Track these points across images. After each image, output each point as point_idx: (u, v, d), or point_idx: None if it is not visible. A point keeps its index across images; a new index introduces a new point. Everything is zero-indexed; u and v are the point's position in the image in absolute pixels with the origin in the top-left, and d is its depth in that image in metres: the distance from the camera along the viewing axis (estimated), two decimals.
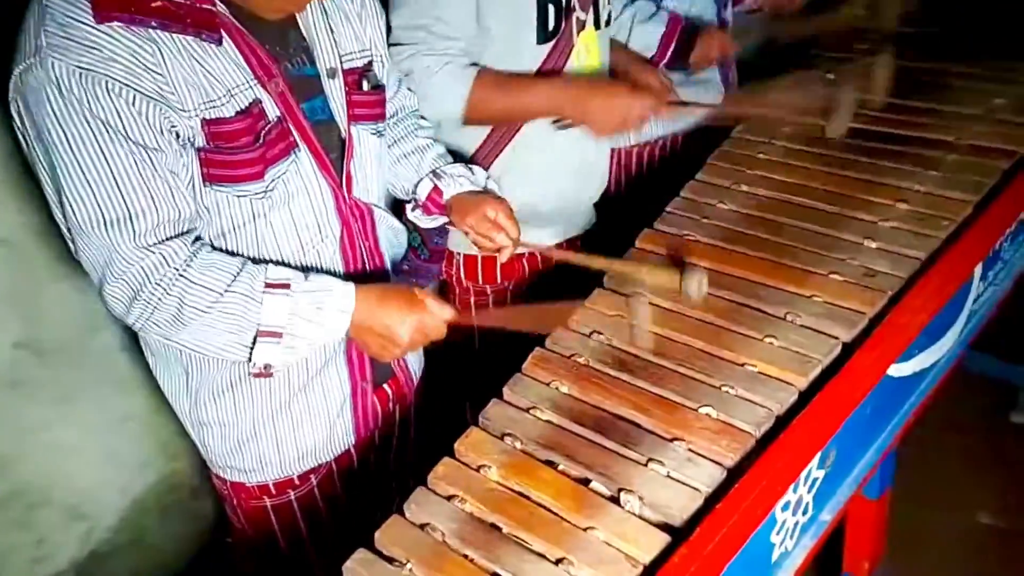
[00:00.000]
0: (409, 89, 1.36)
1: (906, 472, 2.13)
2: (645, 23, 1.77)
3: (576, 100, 1.39)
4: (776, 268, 1.27)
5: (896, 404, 1.19)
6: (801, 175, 1.50)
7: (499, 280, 1.63)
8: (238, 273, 1.00)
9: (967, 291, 1.31)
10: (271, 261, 1.07)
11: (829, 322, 1.15)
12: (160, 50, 0.93)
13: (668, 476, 0.95)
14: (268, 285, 1.00)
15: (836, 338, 1.13)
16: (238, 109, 0.99)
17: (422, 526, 0.91)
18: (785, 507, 0.96)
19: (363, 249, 1.19)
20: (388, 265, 1.25)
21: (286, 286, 1.01)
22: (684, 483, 0.94)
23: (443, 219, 1.32)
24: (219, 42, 0.98)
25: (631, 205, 1.78)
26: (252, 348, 1.00)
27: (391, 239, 1.27)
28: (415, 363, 1.36)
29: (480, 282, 1.63)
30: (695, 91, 1.82)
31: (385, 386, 1.28)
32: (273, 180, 1.05)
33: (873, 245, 1.30)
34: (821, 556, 1.85)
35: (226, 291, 0.98)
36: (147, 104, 0.92)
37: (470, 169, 1.33)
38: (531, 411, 1.05)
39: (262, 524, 1.27)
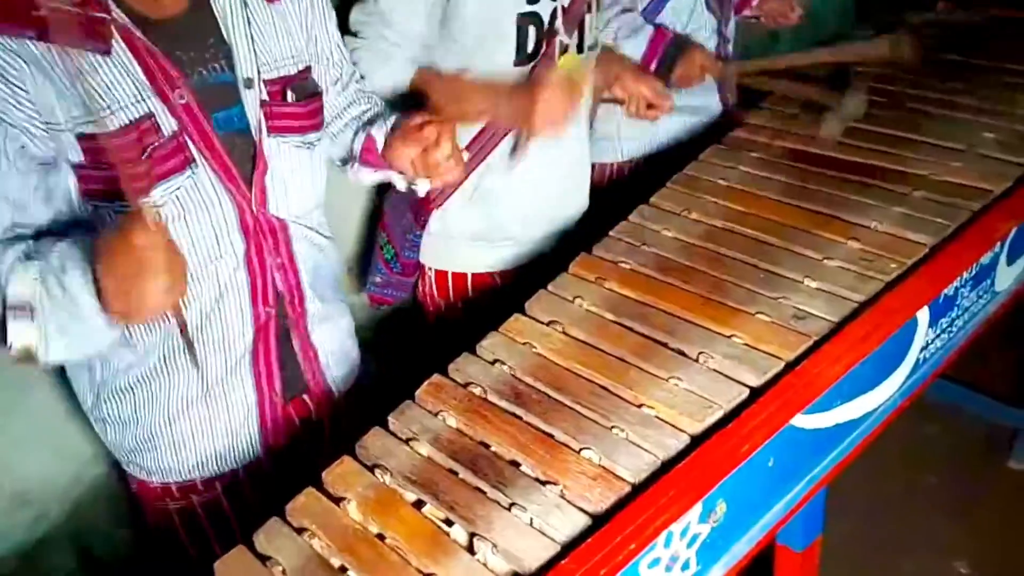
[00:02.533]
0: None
1: (885, 515, 2.06)
2: (629, 38, 1.72)
3: (517, 106, 1.35)
4: (703, 304, 1.22)
5: (811, 457, 1.12)
6: (757, 205, 1.44)
7: (470, 294, 1.60)
8: (6, 248, 0.95)
9: (908, 339, 1.23)
10: None
11: (741, 366, 1.09)
12: (28, 64, 0.92)
13: (530, 523, 0.91)
14: (25, 257, 0.94)
15: (744, 384, 1.07)
16: (123, 123, 0.97)
17: (264, 559, 0.88)
18: (654, 564, 0.90)
19: (272, 265, 1.16)
20: (306, 282, 1.22)
21: (38, 255, 0.94)
22: (543, 531, 0.89)
23: (384, 171, 1.26)
24: (107, 52, 0.96)
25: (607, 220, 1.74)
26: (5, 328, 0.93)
27: (314, 256, 1.24)
28: (340, 375, 1.33)
29: (451, 297, 1.61)
30: (688, 99, 1.77)
31: (305, 397, 1.26)
32: (164, 195, 1.02)
33: (812, 284, 1.24)
34: None
35: None
36: None
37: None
38: (410, 442, 1.02)
39: (166, 525, 1.27)
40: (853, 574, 1.91)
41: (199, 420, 1.17)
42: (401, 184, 1.30)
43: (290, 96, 1.14)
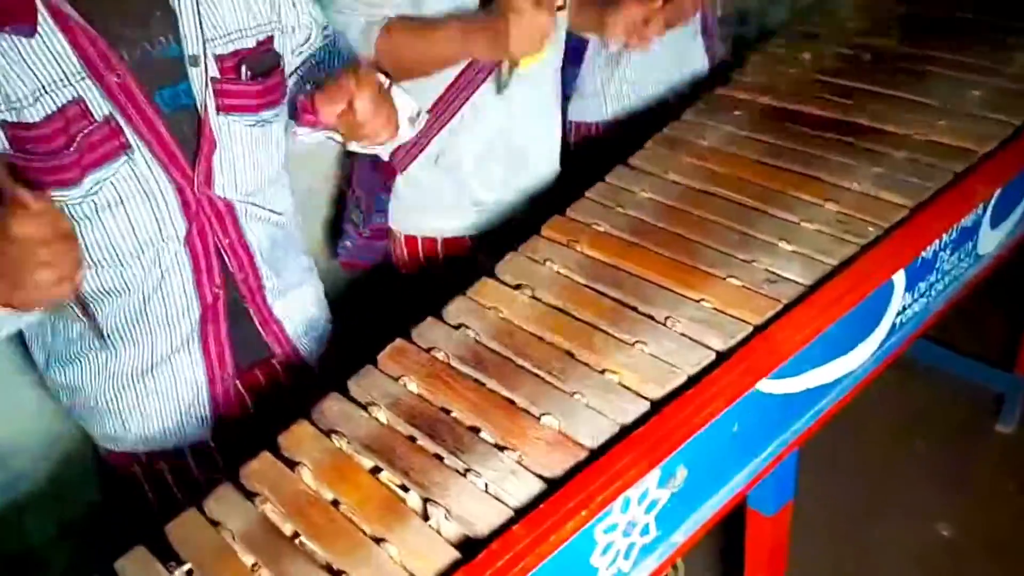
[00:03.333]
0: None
1: (868, 479, 2.06)
2: None
3: (490, 34, 1.30)
4: (674, 267, 1.19)
5: (778, 423, 1.10)
6: (737, 165, 1.41)
7: (441, 257, 1.58)
8: None
9: (884, 303, 1.21)
10: (102, 262, 1.03)
11: (708, 330, 1.07)
12: None
13: (484, 489, 0.90)
14: None
15: (710, 348, 1.05)
16: (48, 112, 0.92)
17: (215, 523, 0.87)
18: (610, 529, 0.89)
19: (220, 246, 1.12)
20: (260, 259, 1.18)
21: None
22: (498, 497, 0.88)
23: (321, 130, 1.17)
24: (30, 34, 0.90)
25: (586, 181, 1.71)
26: None
27: (269, 232, 1.19)
28: (311, 343, 1.31)
29: (423, 261, 1.59)
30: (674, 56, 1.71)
31: (256, 371, 1.24)
32: (96, 184, 0.98)
33: (788, 247, 1.21)
34: (724, 569, 1.82)
35: None
36: None
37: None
38: (369, 407, 1.00)
39: (136, 491, 1.26)
40: (830, 538, 1.91)
41: (146, 395, 1.15)
42: (347, 146, 1.18)
43: (244, 73, 1.08)
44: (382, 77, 1.10)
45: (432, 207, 1.51)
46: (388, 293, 1.74)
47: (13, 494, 1.73)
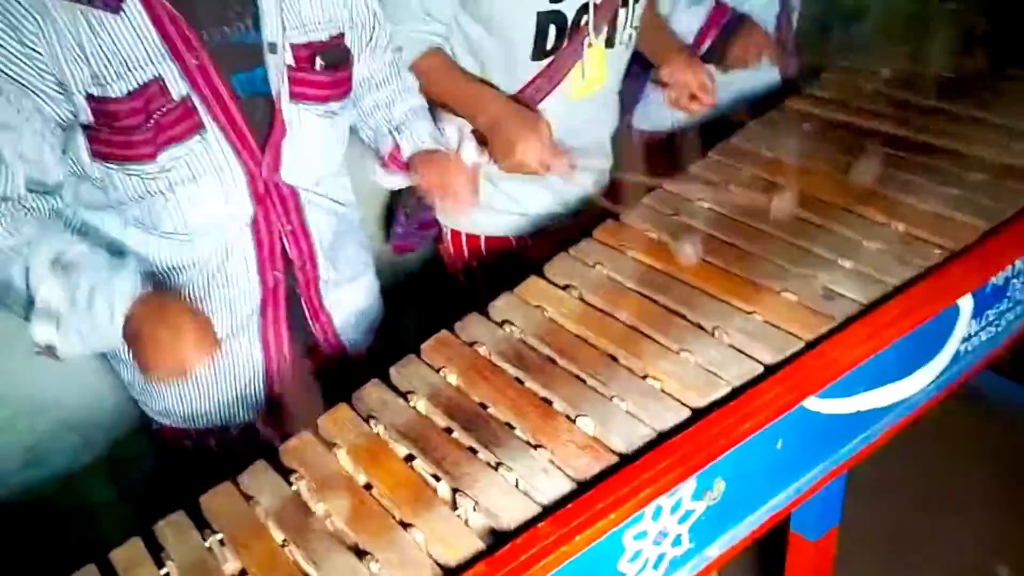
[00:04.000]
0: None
1: (924, 511, 1.96)
2: (689, 7, 1.66)
3: (492, 121, 1.32)
4: (727, 277, 1.17)
5: (826, 444, 1.07)
6: (802, 178, 1.36)
7: (484, 255, 1.59)
8: (38, 242, 0.96)
9: (948, 329, 1.15)
10: (174, 235, 1.07)
11: (757, 343, 1.04)
12: (45, 22, 0.91)
13: (515, 484, 0.89)
14: (56, 262, 0.95)
15: (759, 362, 1.02)
16: (130, 89, 0.96)
17: (248, 498, 0.89)
18: (640, 535, 0.88)
19: (282, 232, 1.16)
20: (319, 249, 1.21)
21: (71, 268, 0.95)
22: (527, 493, 0.88)
23: (403, 178, 1.27)
24: (116, 11, 0.94)
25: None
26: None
27: (330, 224, 1.23)
28: (358, 337, 1.33)
29: (467, 257, 1.60)
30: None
31: (309, 359, 1.26)
32: (171, 160, 1.01)
33: (847, 265, 1.17)
34: None
35: (8, 261, 0.95)
36: (8, 84, 0.92)
37: (440, 127, 1.28)
38: (409, 396, 1.01)
39: (186, 463, 1.30)
40: (879, 570, 1.83)
41: (205, 374, 1.19)
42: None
43: (318, 63, 1.11)
44: (475, 156, 1.28)
45: (477, 208, 1.51)
46: (435, 283, 1.76)
47: (83, 457, 1.81)
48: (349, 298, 1.31)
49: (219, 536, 0.85)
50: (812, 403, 1.00)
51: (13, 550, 1.59)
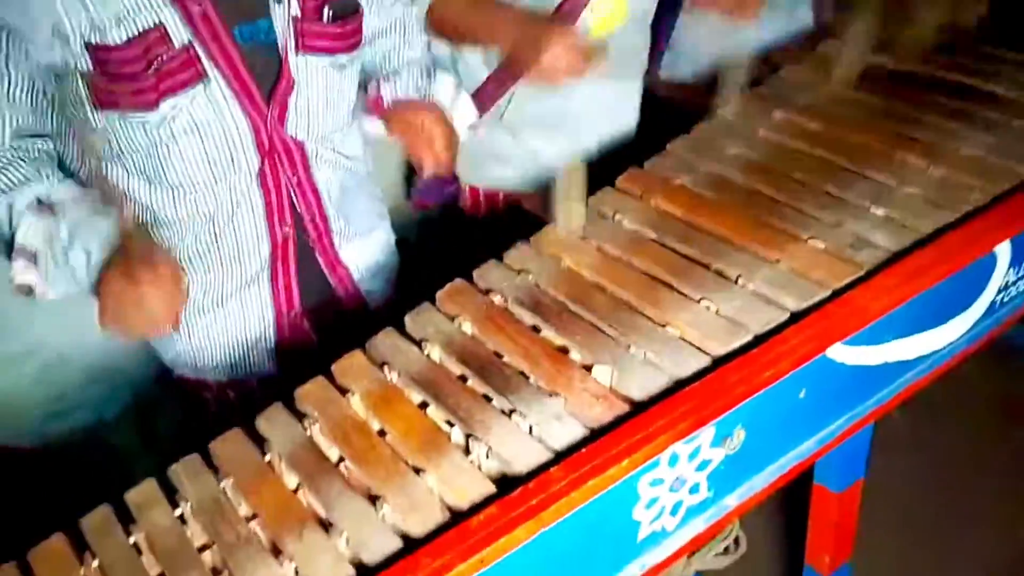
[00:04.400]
0: None
1: (953, 470, 1.92)
2: None
3: (516, 31, 1.27)
4: (754, 226, 1.13)
5: (851, 395, 1.03)
6: (835, 124, 1.32)
7: (501, 207, 1.57)
8: (24, 182, 0.96)
9: (984, 278, 1.11)
10: (179, 187, 1.06)
11: (782, 291, 1.01)
12: None
13: (528, 431, 0.88)
14: (39, 203, 0.95)
15: (784, 308, 0.99)
16: (129, 35, 0.94)
17: (261, 442, 0.89)
18: (656, 483, 0.86)
19: (290, 184, 1.14)
20: (328, 203, 1.20)
21: (52, 209, 0.95)
22: (540, 439, 0.86)
23: (379, 125, 1.23)
24: None
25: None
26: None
27: (339, 177, 1.21)
28: (376, 288, 1.32)
29: (484, 211, 1.58)
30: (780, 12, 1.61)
31: (324, 310, 1.26)
32: (173, 109, 1.00)
33: (879, 212, 1.13)
34: (787, 545, 1.73)
35: None
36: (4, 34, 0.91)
37: (430, 75, 1.25)
38: (423, 343, 1.00)
39: (207, 414, 1.31)
40: (902, 526, 1.79)
41: (216, 327, 1.19)
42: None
43: (326, 14, 1.08)
44: (471, 117, 1.24)
45: (495, 162, 1.48)
46: (454, 236, 1.74)
47: (106, 410, 1.83)
48: (365, 251, 1.30)
49: (230, 480, 0.85)
50: (838, 352, 0.97)
51: (39, 501, 1.63)
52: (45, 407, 1.75)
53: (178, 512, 0.82)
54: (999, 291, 1.15)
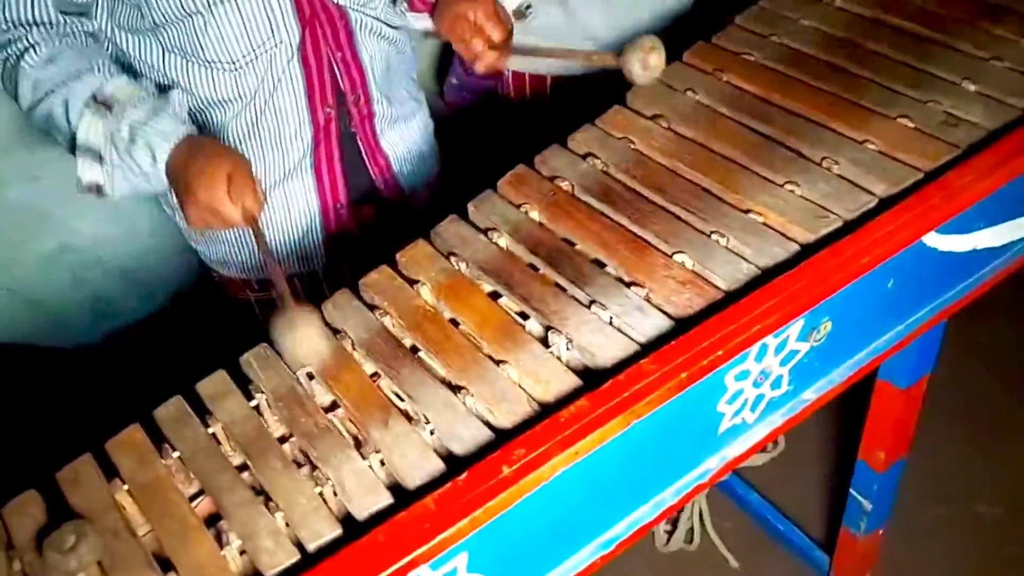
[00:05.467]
0: None
1: (1011, 377, 1.89)
2: None
3: None
4: (836, 104, 1.05)
5: (937, 284, 0.99)
6: None
7: (549, 97, 1.48)
8: (76, 75, 0.91)
9: None
10: (215, 63, 0.99)
11: (870, 174, 0.95)
12: None
13: (609, 322, 0.84)
14: (95, 99, 0.91)
15: (873, 194, 0.93)
16: None
17: (336, 331, 0.86)
18: (742, 376, 0.83)
19: (332, 59, 1.07)
20: (372, 80, 1.12)
21: (110, 107, 0.91)
22: (622, 331, 0.83)
23: (428, 19, 1.15)
24: None
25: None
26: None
27: (382, 50, 1.13)
28: (417, 180, 1.27)
29: (529, 99, 1.50)
30: None
31: (366, 206, 1.21)
32: None
33: (972, 88, 1.05)
34: (846, 435, 1.73)
35: (53, 91, 0.92)
36: None
37: None
38: (488, 232, 0.95)
39: (249, 315, 1.29)
40: (960, 432, 1.79)
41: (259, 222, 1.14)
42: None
43: None
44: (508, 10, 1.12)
45: (543, 42, 1.38)
46: (494, 130, 1.66)
47: (153, 304, 1.82)
48: (405, 138, 1.23)
49: (307, 369, 0.82)
50: (930, 239, 0.91)
51: (84, 401, 1.64)
52: (83, 308, 1.75)
53: (254, 403, 0.80)
54: None
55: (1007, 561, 1.65)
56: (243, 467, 0.77)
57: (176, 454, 0.76)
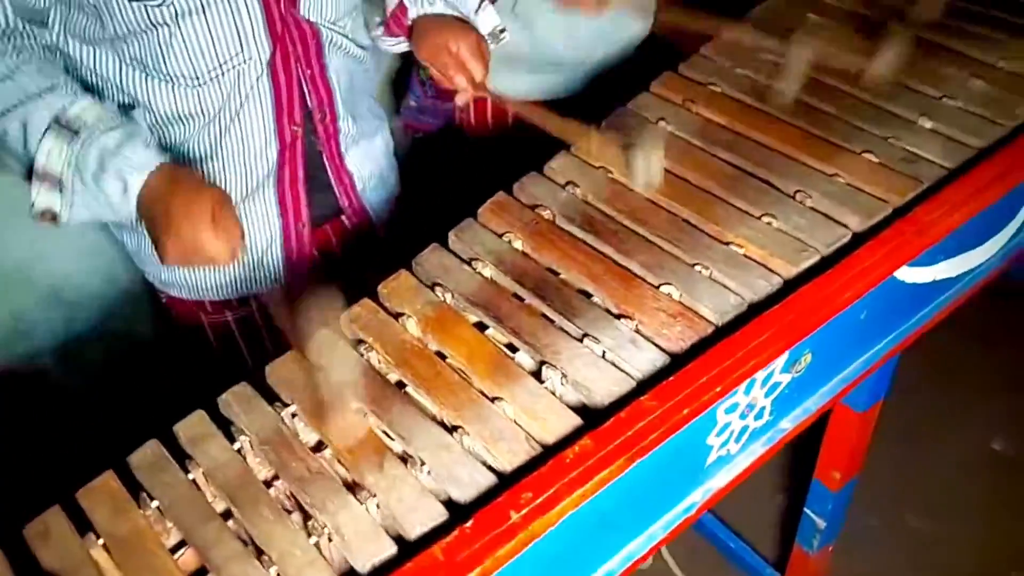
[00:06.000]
0: None
1: (936, 387, 2.00)
2: None
3: None
4: (803, 137, 1.08)
5: (901, 314, 1.03)
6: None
7: (511, 122, 1.47)
8: (37, 94, 0.85)
9: (1021, 195, 1.10)
10: (180, 77, 0.94)
11: (843, 208, 0.98)
12: None
13: (602, 356, 0.84)
14: (58, 122, 0.85)
15: (846, 227, 0.96)
16: None
17: (317, 368, 0.82)
18: (731, 409, 0.84)
19: (302, 77, 1.03)
20: (339, 97, 1.10)
21: (75, 131, 0.85)
22: (617, 365, 0.82)
23: (405, 44, 1.14)
24: None
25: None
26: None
27: (349, 67, 1.10)
28: (378, 200, 1.24)
29: (491, 126, 1.48)
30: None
31: (327, 227, 1.18)
32: None
33: (927, 125, 1.10)
34: (795, 456, 1.79)
35: (9, 111, 0.85)
36: None
37: None
38: (472, 263, 0.93)
39: (200, 341, 1.23)
40: (896, 440, 1.87)
41: None
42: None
43: None
44: (495, 20, 1.13)
45: (505, 64, 1.38)
46: (454, 157, 1.64)
47: (74, 326, 1.72)
48: (368, 156, 1.20)
49: (291, 408, 0.78)
50: (900, 272, 0.95)
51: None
52: (7, 326, 1.63)
53: (236, 445, 0.76)
54: None
55: (939, 570, 1.73)
56: (228, 514, 0.72)
57: (155, 503, 0.71)
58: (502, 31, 1.16)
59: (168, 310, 1.24)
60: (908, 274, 0.98)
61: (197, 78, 0.97)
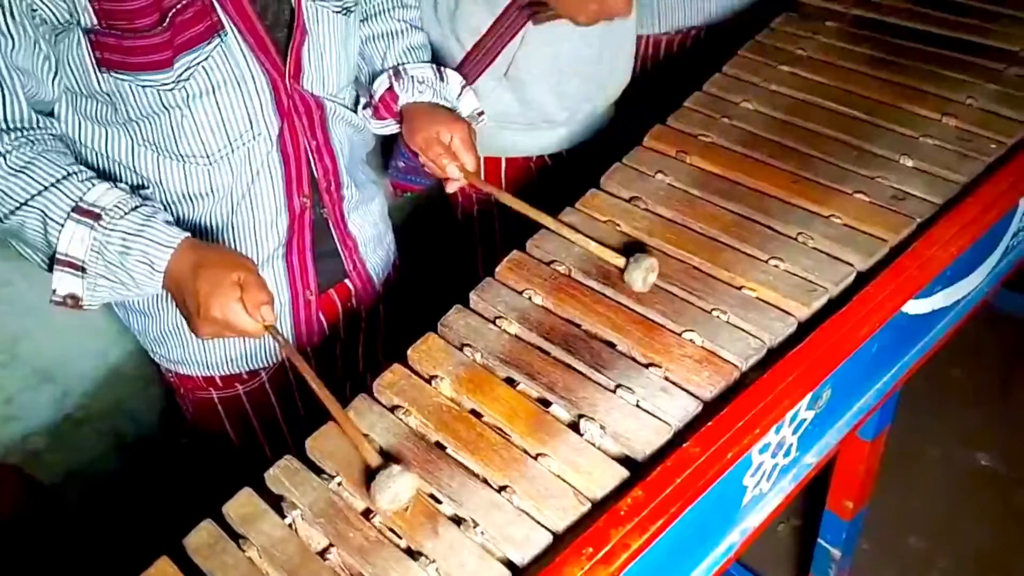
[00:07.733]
0: None
1: (910, 405, 2.05)
2: None
3: None
4: (795, 181, 1.13)
5: (905, 344, 1.07)
6: (842, 76, 1.33)
7: (504, 181, 1.50)
8: (52, 184, 0.86)
9: (1006, 224, 1.16)
10: (191, 157, 0.96)
11: (845, 248, 1.03)
12: None
13: (637, 405, 0.86)
14: (77, 209, 0.86)
15: (851, 266, 1.01)
16: None
17: (363, 436, 0.83)
18: (764, 448, 0.86)
19: (308, 148, 1.06)
20: (343, 166, 1.12)
21: (96, 216, 0.86)
22: (653, 414, 0.85)
23: (394, 126, 1.17)
24: None
25: (654, 99, 1.62)
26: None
27: (350, 137, 1.14)
28: (378, 261, 1.26)
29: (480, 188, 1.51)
30: None
31: (332, 292, 1.19)
32: (188, 69, 0.91)
33: (909, 163, 1.16)
34: (805, 490, 1.82)
35: (27, 203, 0.86)
36: None
37: (441, 74, 1.18)
38: (497, 321, 0.95)
39: (210, 416, 1.22)
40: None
41: None
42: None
43: None
44: (475, 104, 1.19)
45: (495, 124, 1.42)
46: (440, 217, 1.66)
47: (66, 407, 1.68)
48: (368, 219, 1.23)
49: (338, 479, 0.78)
50: (908, 305, 0.99)
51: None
52: None
53: (288, 520, 0.75)
54: (1013, 235, 1.21)
55: None
56: None
57: None
58: (480, 113, 1.21)
59: (175, 389, 1.23)
60: (912, 306, 1.02)
61: (208, 156, 0.98)
